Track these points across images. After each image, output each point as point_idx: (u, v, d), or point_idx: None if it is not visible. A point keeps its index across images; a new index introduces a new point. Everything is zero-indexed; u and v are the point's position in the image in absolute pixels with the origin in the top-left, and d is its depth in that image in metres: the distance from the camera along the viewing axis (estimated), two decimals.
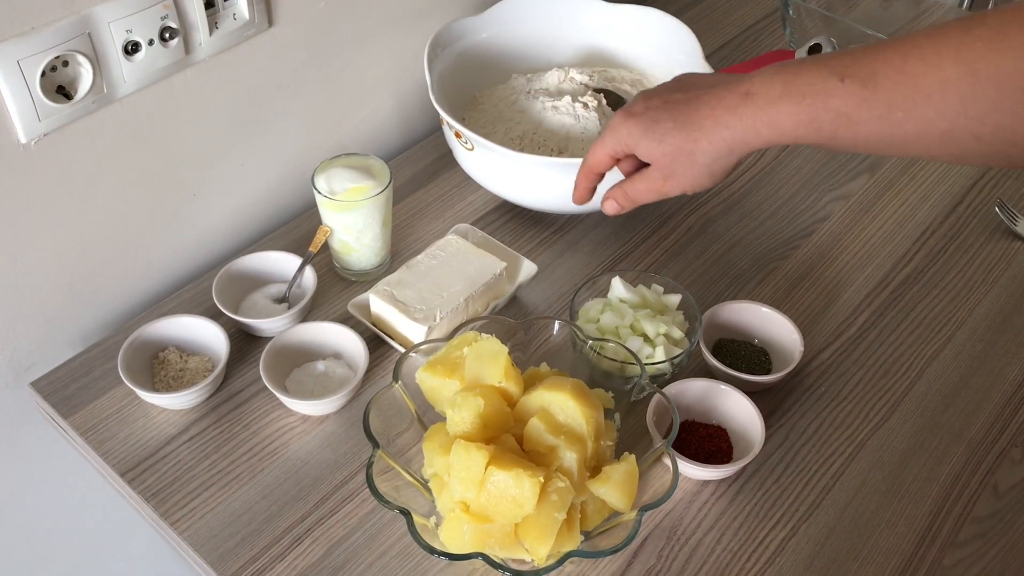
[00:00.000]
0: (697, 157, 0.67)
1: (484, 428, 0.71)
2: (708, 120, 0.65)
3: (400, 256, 0.99)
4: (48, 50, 0.74)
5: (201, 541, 0.75)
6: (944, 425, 0.85)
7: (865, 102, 0.57)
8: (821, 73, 0.59)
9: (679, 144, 0.67)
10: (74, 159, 0.82)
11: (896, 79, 0.56)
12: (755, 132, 0.63)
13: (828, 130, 0.60)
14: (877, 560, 0.75)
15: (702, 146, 0.66)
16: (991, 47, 0.52)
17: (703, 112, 0.66)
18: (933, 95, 0.54)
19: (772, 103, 0.62)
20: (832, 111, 0.59)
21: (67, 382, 0.86)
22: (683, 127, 0.66)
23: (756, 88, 0.63)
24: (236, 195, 1.00)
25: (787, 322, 0.87)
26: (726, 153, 0.66)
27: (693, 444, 0.80)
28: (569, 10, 1.12)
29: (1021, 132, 0.52)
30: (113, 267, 0.92)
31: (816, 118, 0.60)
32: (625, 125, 0.70)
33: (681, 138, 0.66)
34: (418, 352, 0.79)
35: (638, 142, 0.69)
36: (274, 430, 0.83)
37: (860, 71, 0.58)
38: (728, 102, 0.64)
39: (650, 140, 0.68)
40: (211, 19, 0.85)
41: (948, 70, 0.53)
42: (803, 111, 0.60)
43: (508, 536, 0.69)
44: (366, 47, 1.05)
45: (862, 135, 0.59)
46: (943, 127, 0.55)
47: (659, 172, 0.70)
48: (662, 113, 0.68)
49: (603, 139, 0.73)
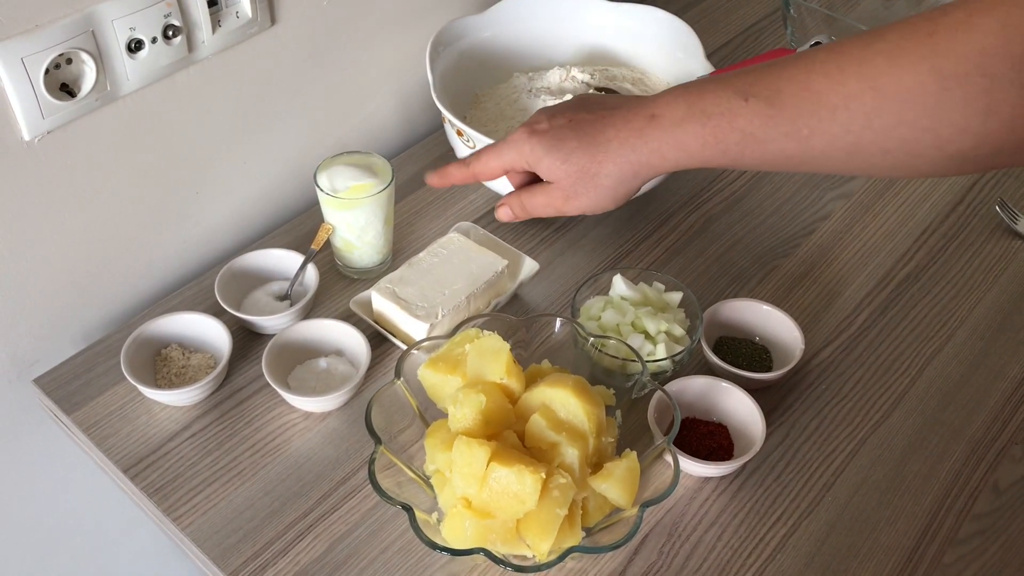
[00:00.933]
0: (601, 180, 0.66)
1: (486, 424, 0.71)
2: (614, 142, 0.64)
3: (402, 254, 0.99)
4: (52, 48, 0.74)
5: (204, 537, 0.75)
6: (944, 423, 0.85)
7: (771, 120, 0.57)
8: (725, 93, 0.59)
9: (584, 165, 0.66)
10: (77, 157, 0.82)
11: (801, 96, 0.56)
12: (660, 155, 0.63)
13: (735, 151, 0.60)
14: (878, 557, 0.76)
15: (607, 168, 0.65)
16: (891, 62, 0.52)
17: (609, 133, 0.65)
18: (838, 110, 0.54)
19: (677, 124, 0.61)
20: (738, 131, 0.59)
21: (70, 379, 0.87)
22: (588, 148, 0.65)
23: (661, 110, 0.62)
24: (238, 193, 1.01)
25: (788, 320, 0.88)
26: (631, 176, 0.65)
27: (694, 441, 0.80)
28: (571, 9, 1.13)
29: (925, 142, 0.53)
30: (116, 264, 0.92)
31: (722, 139, 0.59)
32: (528, 141, 0.68)
33: (586, 159, 0.65)
34: (420, 349, 0.79)
35: (540, 160, 0.67)
36: (276, 427, 0.83)
37: (764, 90, 0.57)
38: (634, 124, 0.63)
39: (554, 158, 0.67)
40: (214, 17, 0.85)
41: (851, 85, 0.54)
42: (708, 132, 0.60)
43: (510, 532, 0.69)
44: (368, 45, 1.05)
45: (770, 153, 0.59)
46: (849, 141, 0.55)
47: (560, 191, 0.68)
48: (567, 132, 0.66)
49: (499, 150, 0.71)
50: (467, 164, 0.74)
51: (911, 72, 0.51)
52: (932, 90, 0.51)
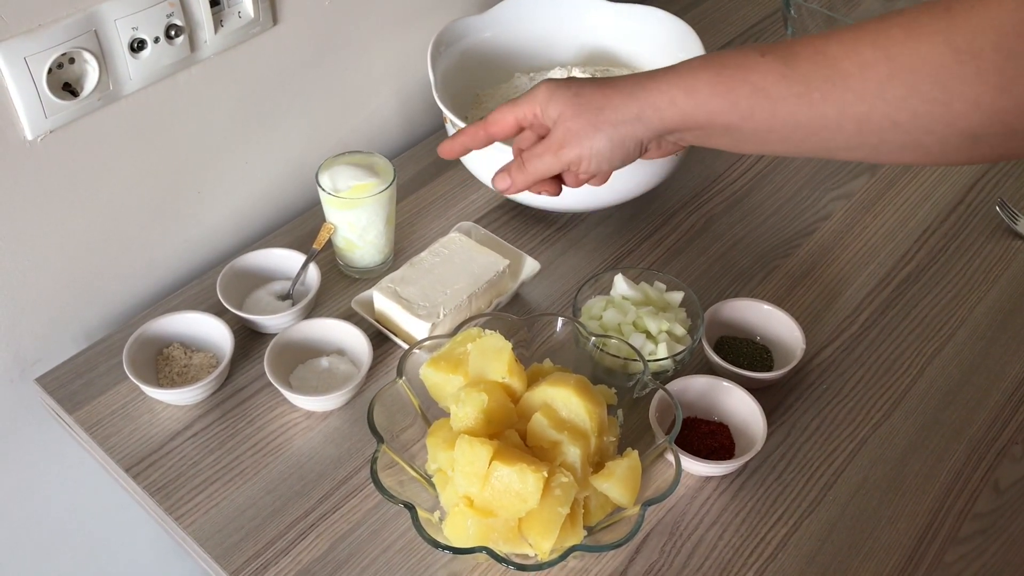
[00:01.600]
0: (606, 113, 0.65)
1: (488, 424, 0.71)
2: (628, 81, 0.65)
3: (403, 253, 0.99)
4: (55, 47, 0.75)
5: (206, 536, 0.75)
6: (945, 422, 0.85)
7: (784, 78, 0.58)
8: (743, 49, 0.61)
9: (591, 97, 0.65)
10: (80, 156, 0.83)
11: (815, 59, 0.57)
12: (669, 97, 0.63)
13: (744, 105, 0.60)
14: (879, 556, 0.76)
15: (614, 101, 0.64)
16: (907, 34, 0.53)
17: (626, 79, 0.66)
18: (851, 77, 0.55)
19: (692, 71, 0.62)
20: (750, 84, 0.59)
21: (72, 378, 0.87)
22: (601, 86, 0.66)
23: (680, 66, 0.63)
24: (240, 192, 1.01)
25: (789, 320, 0.88)
26: (635, 117, 0.64)
27: (695, 440, 0.80)
28: (572, 9, 1.13)
29: (936, 115, 0.53)
30: (118, 264, 0.92)
31: (733, 89, 0.60)
32: (548, 88, 0.68)
33: (596, 94, 0.65)
34: (422, 348, 0.79)
35: (552, 97, 0.67)
36: (278, 426, 0.83)
37: (780, 48, 0.58)
38: (652, 75, 0.65)
39: (564, 92, 0.66)
40: (216, 17, 0.86)
41: (866, 53, 0.54)
42: (721, 81, 0.60)
43: (512, 531, 0.69)
44: (370, 45, 1.05)
45: (779, 115, 0.59)
46: (861, 111, 0.55)
47: (560, 128, 0.67)
48: (586, 82, 0.67)
49: (515, 102, 0.70)
50: (481, 125, 0.73)
51: (926, 44, 0.52)
52: (946, 62, 0.51)
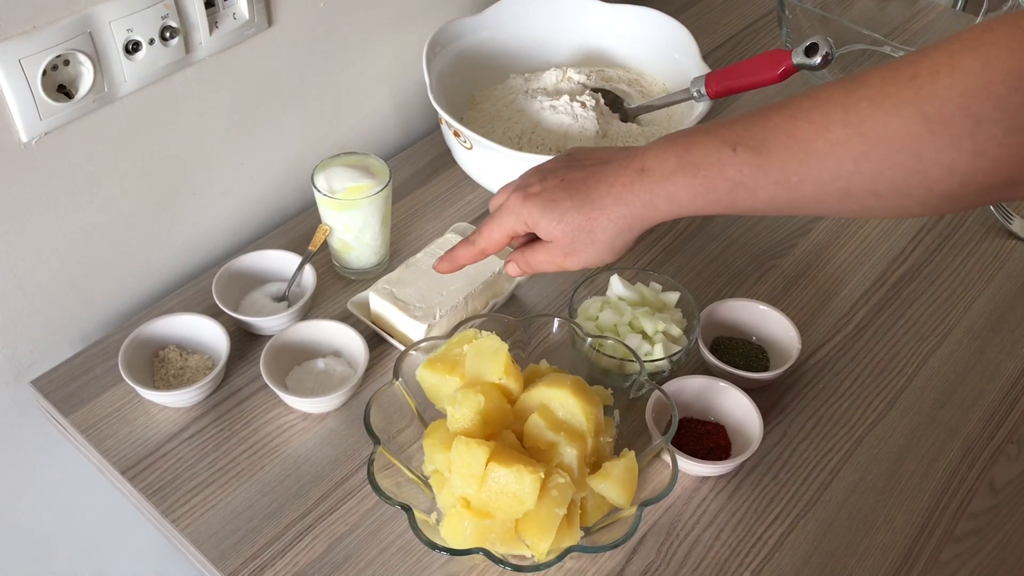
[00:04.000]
0: (597, 235, 0.66)
1: (484, 425, 0.71)
2: (607, 198, 0.65)
3: (399, 255, 0.99)
4: (49, 49, 0.74)
5: (202, 538, 0.75)
6: (940, 422, 0.86)
7: (760, 169, 0.58)
8: (713, 144, 0.60)
9: (579, 223, 0.66)
10: (75, 158, 0.82)
11: (788, 144, 0.56)
12: (653, 207, 0.63)
13: (726, 200, 0.60)
14: (874, 555, 0.76)
15: (601, 223, 0.66)
16: (875, 107, 0.53)
17: (601, 190, 0.65)
18: (826, 157, 0.55)
19: (667, 177, 0.62)
20: (728, 181, 0.59)
21: (67, 380, 0.87)
22: (582, 206, 0.66)
23: (650, 163, 0.63)
24: (236, 194, 1.01)
25: (784, 320, 0.88)
26: (626, 229, 0.66)
27: (692, 441, 0.80)
28: (567, 10, 1.13)
29: (914, 183, 0.53)
30: (113, 265, 0.92)
31: (713, 189, 0.60)
32: (524, 206, 0.68)
33: (580, 217, 0.66)
34: (418, 350, 0.79)
35: (537, 222, 0.68)
36: (274, 428, 0.83)
37: (751, 139, 0.58)
38: (624, 179, 0.64)
39: (550, 220, 0.67)
40: (211, 18, 0.86)
41: (837, 132, 0.54)
42: (699, 183, 0.60)
43: (509, 532, 0.69)
44: (365, 47, 1.05)
45: (761, 201, 0.59)
46: (839, 187, 0.55)
47: (559, 249, 0.69)
48: (560, 192, 0.67)
49: (499, 220, 0.71)
50: (472, 242, 0.74)
51: (896, 116, 0.52)
52: (918, 133, 0.51)
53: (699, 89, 0.96)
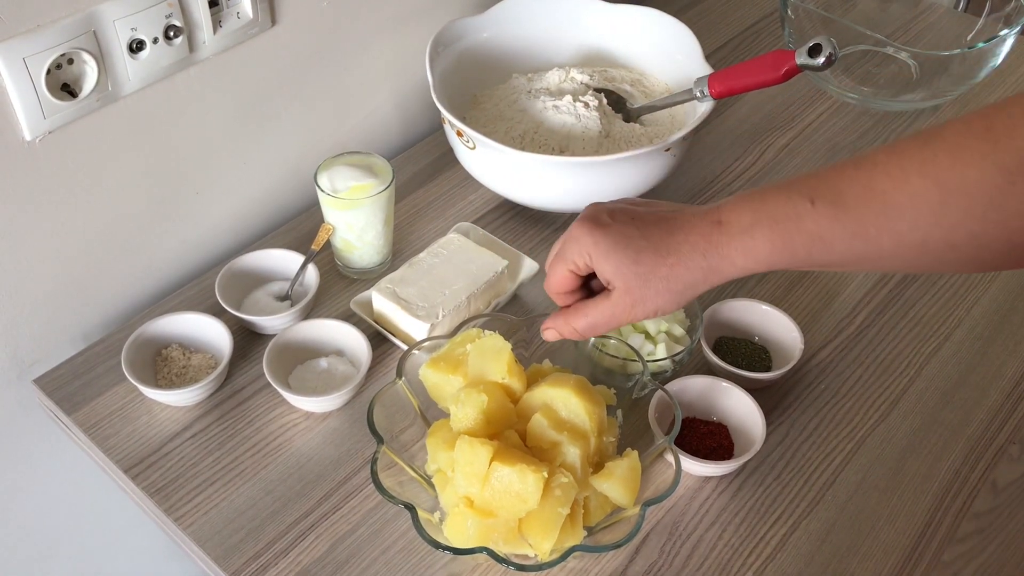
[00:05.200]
0: (672, 283, 0.62)
1: (487, 424, 0.71)
2: (685, 245, 0.62)
3: (402, 254, 0.99)
4: (53, 48, 0.74)
5: (205, 537, 0.75)
6: (943, 422, 0.86)
7: (838, 221, 0.57)
8: (791, 198, 0.59)
9: (654, 266, 0.62)
10: (78, 157, 0.82)
11: (864, 196, 0.56)
12: (730, 261, 0.61)
13: (803, 253, 0.59)
14: (877, 556, 0.76)
15: (678, 271, 0.62)
16: (954, 159, 0.53)
17: (678, 237, 0.62)
18: (904, 209, 0.55)
19: (745, 231, 0.60)
20: (805, 234, 0.58)
21: (70, 379, 0.87)
22: (658, 249, 0.62)
23: (727, 216, 0.61)
24: (239, 193, 1.01)
25: (787, 320, 0.88)
26: (700, 282, 0.63)
27: (695, 441, 0.80)
28: (570, 10, 1.13)
29: (993, 235, 0.53)
30: (116, 264, 0.92)
31: (790, 242, 0.59)
32: (592, 235, 0.63)
33: (657, 260, 0.62)
34: (421, 349, 0.79)
35: (607, 256, 0.63)
36: (277, 427, 0.83)
37: (828, 192, 0.57)
38: (701, 230, 0.61)
39: (621, 256, 0.62)
40: (215, 18, 0.86)
41: (915, 183, 0.54)
42: (777, 236, 0.59)
43: (512, 531, 0.69)
44: (368, 46, 1.05)
45: (838, 254, 0.58)
46: (917, 238, 0.55)
47: (628, 296, 0.63)
48: (632, 229, 0.63)
49: (564, 255, 0.66)
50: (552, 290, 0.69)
51: (974, 168, 0.52)
52: (998, 184, 0.51)
53: (702, 89, 0.95)
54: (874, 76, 1.22)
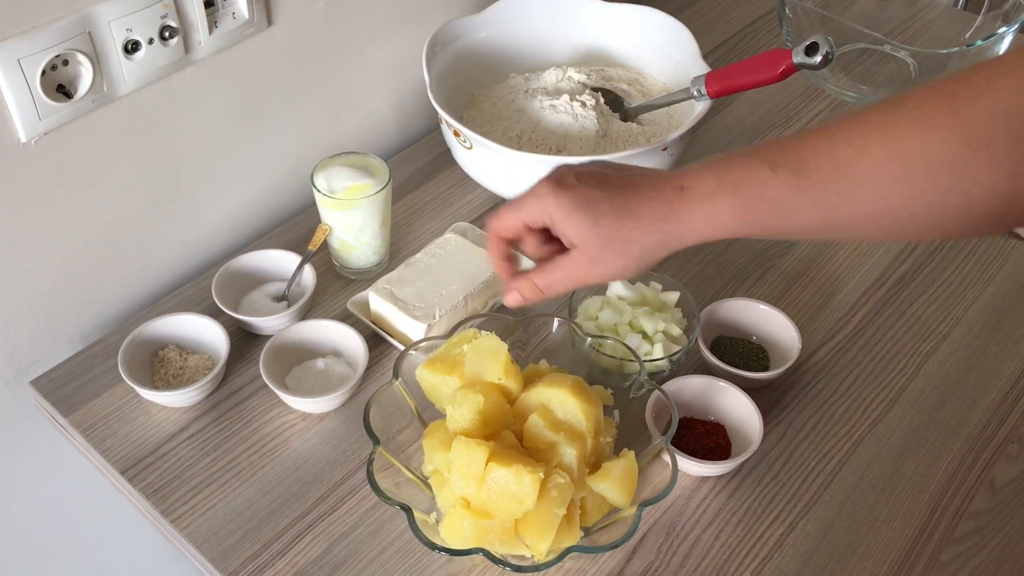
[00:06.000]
0: (631, 246, 0.63)
1: (484, 425, 0.71)
2: (646, 209, 0.62)
3: (399, 254, 0.99)
4: (48, 49, 0.74)
5: (202, 538, 0.75)
6: (941, 421, 0.86)
7: (799, 189, 0.57)
8: (752, 164, 0.59)
9: (615, 230, 0.62)
10: (74, 158, 0.82)
11: (827, 164, 0.56)
12: (690, 227, 0.62)
13: (764, 221, 0.60)
14: (874, 555, 0.76)
15: (637, 235, 0.62)
16: (916, 128, 0.53)
17: (640, 200, 0.62)
18: (866, 178, 0.55)
19: (707, 197, 0.60)
20: (767, 201, 0.58)
21: (67, 380, 0.87)
22: (620, 212, 0.62)
23: (689, 182, 0.61)
24: (235, 194, 1.01)
25: (785, 319, 0.88)
26: (659, 246, 0.63)
27: (692, 440, 0.80)
28: (567, 9, 1.13)
29: (954, 205, 0.53)
30: (113, 265, 0.92)
31: (752, 210, 0.59)
32: (555, 196, 0.63)
33: (618, 224, 0.62)
34: (418, 349, 0.79)
35: (569, 216, 0.63)
36: (274, 428, 0.83)
37: (790, 160, 0.57)
38: (664, 194, 0.62)
39: (584, 218, 0.63)
40: (211, 18, 0.85)
41: (877, 153, 0.54)
42: (739, 203, 0.59)
43: (508, 532, 0.69)
44: (365, 46, 1.05)
45: (799, 222, 0.59)
46: (878, 208, 0.55)
47: (586, 257, 0.64)
48: (596, 192, 0.63)
49: (520, 203, 0.66)
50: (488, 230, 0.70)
51: (936, 138, 0.52)
52: (960, 153, 0.51)
53: (699, 88, 0.95)
54: (872, 74, 1.22)
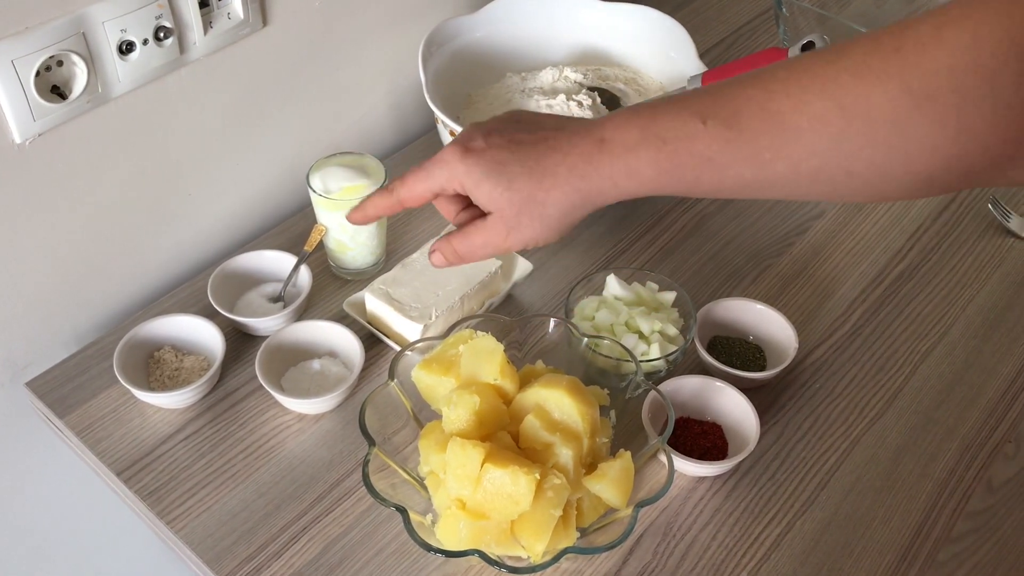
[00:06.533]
0: (548, 208, 0.59)
1: (480, 425, 0.71)
2: (561, 167, 0.58)
3: (395, 255, 0.99)
4: (42, 50, 0.74)
5: (197, 540, 0.75)
6: (938, 421, 0.85)
7: (730, 144, 0.53)
8: (681, 116, 0.55)
9: (529, 192, 0.58)
10: (69, 159, 0.82)
11: (762, 117, 0.52)
12: (612, 182, 0.57)
13: (691, 176, 0.56)
14: (872, 555, 0.76)
15: (554, 196, 0.58)
16: (857, 79, 0.49)
17: (555, 158, 0.58)
18: (802, 132, 0.51)
19: (629, 150, 0.56)
20: (695, 156, 0.54)
21: (62, 382, 0.86)
22: (532, 173, 0.58)
23: (611, 134, 0.57)
24: (231, 194, 1.01)
25: (782, 319, 0.88)
26: (579, 205, 0.59)
27: (688, 441, 0.80)
28: (563, 8, 1.12)
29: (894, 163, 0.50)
30: (108, 266, 0.92)
31: (679, 165, 0.55)
32: (463, 162, 0.60)
33: (532, 185, 0.58)
34: (414, 350, 0.79)
35: (479, 183, 0.59)
36: (270, 429, 0.83)
37: (722, 111, 0.53)
38: (581, 149, 0.57)
39: (494, 184, 0.59)
40: (205, 18, 0.85)
41: (816, 105, 0.50)
42: (664, 158, 0.55)
43: (504, 533, 0.69)
44: (361, 46, 1.05)
45: (729, 179, 0.55)
46: (814, 164, 0.52)
47: (502, 223, 0.60)
48: (506, 154, 0.59)
49: (428, 171, 0.62)
50: (390, 191, 0.66)
51: (879, 90, 0.49)
52: (902, 107, 0.48)
53: (696, 87, 0.95)
54: None
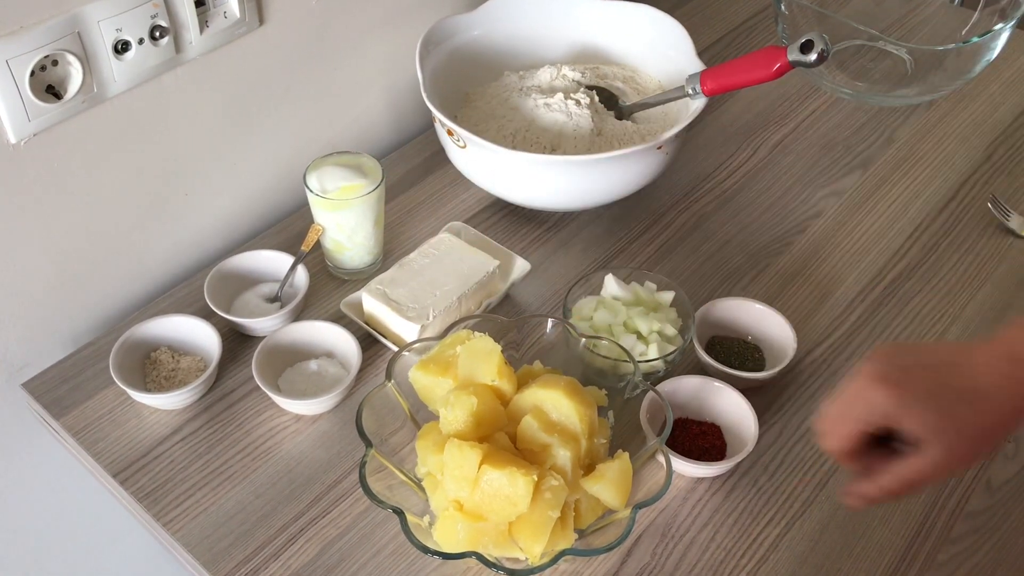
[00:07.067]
0: (989, 431, 0.57)
1: (477, 427, 0.71)
2: (991, 390, 0.56)
3: (393, 255, 0.99)
4: (37, 49, 0.74)
5: (194, 541, 0.75)
6: None
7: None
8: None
9: (969, 418, 0.56)
10: (64, 159, 0.82)
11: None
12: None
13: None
14: (871, 556, 0.75)
15: (994, 419, 0.57)
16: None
17: (978, 380, 0.57)
18: None
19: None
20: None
21: (59, 383, 0.86)
22: (967, 397, 0.57)
23: (1019, 350, 0.57)
24: (228, 194, 1.00)
25: (780, 319, 0.87)
26: (1014, 425, 0.57)
27: (687, 441, 0.80)
28: (561, 7, 1.12)
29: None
30: (105, 267, 0.92)
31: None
32: (883, 391, 0.57)
33: (971, 411, 0.56)
34: (411, 351, 0.79)
35: (909, 411, 0.57)
36: (267, 430, 0.83)
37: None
38: (999, 369, 0.57)
39: (931, 411, 0.56)
40: (201, 18, 0.85)
41: None
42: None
43: (502, 535, 0.69)
44: (358, 45, 1.05)
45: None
46: None
47: (947, 452, 0.57)
48: (933, 384, 0.57)
49: (850, 415, 0.60)
50: (837, 452, 0.62)
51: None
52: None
53: (694, 86, 0.95)
54: (869, 71, 1.21)
